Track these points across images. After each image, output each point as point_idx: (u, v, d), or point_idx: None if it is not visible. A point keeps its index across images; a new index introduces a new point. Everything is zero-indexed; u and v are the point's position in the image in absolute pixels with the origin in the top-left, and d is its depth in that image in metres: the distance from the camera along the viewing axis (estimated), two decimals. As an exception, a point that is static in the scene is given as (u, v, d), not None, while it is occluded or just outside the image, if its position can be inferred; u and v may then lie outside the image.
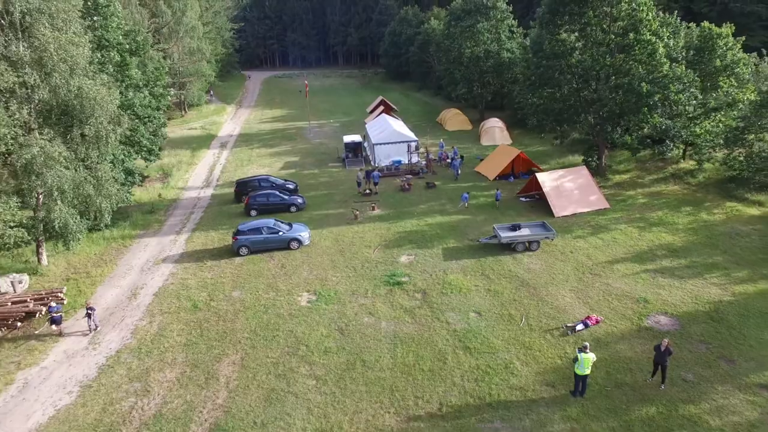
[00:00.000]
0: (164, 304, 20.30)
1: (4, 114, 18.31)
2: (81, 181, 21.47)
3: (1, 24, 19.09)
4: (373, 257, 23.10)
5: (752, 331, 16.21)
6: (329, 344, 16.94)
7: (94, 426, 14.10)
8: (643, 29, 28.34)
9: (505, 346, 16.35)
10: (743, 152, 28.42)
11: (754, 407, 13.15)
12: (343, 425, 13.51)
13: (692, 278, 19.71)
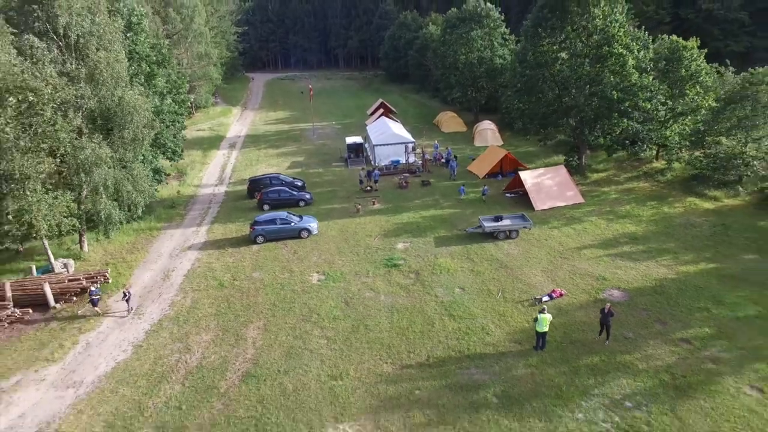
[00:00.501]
0: (194, 283, 23.87)
1: (63, 122, 21.82)
2: (121, 178, 25.06)
3: (59, 45, 22.61)
4: (374, 244, 26.68)
5: (686, 301, 19.75)
6: (337, 313, 20.49)
7: (149, 374, 17.64)
8: (615, 43, 31.89)
9: (483, 313, 19.90)
10: (704, 153, 31.93)
11: (673, 354, 16.71)
12: (350, 372, 17.05)
13: (646, 261, 23.27)
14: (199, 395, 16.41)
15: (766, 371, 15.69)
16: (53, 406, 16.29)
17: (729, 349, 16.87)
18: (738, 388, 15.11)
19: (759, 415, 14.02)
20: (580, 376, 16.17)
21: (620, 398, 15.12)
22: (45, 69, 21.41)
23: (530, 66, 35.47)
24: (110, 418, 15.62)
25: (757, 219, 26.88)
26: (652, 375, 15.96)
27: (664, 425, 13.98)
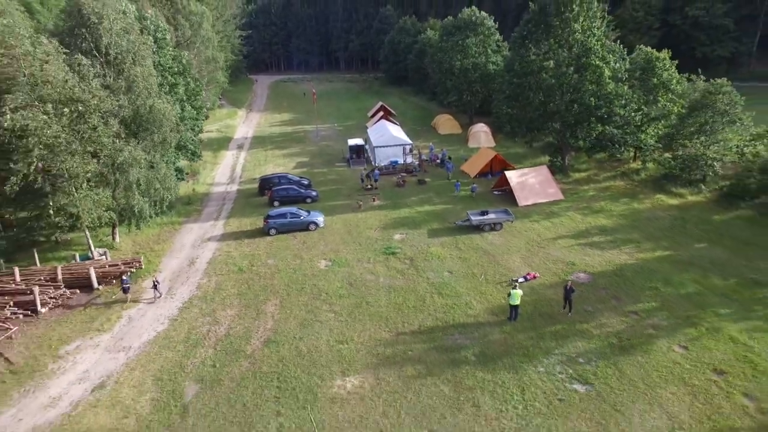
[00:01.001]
0: (216, 269, 27.45)
1: (105, 128, 25.39)
2: (151, 177, 28.65)
3: (101, 62, 26.19)
4: (374, 236, 30.27)
5: (640, 282, 23.32)
6: (342, 292, 24.07)
7: (185, 341, 21.21)
8: (592, 56, 35.45)
9: (467, 292, 23.46)
10: (672, 155, 35.46)
11: (622, 323, 20.27)
12: (354, 338, 20.62)
13: (611, 249, 26.84)
14: (228, 356, 19.98)
15: (694, 334, 19.26)
16: (109, 365, 19.87)
17: (668, 318, 20.44)
18: (669, 347, 18.68)
19: (681, 366, 17.59)
20: (545, 340, 19.73)
21: (575, 356, 18.68)
22: (91, 83, 24.99)
23: (517, 74, 39.05)
24: (157, 374, 19.19)
25: (713, 213, 30.49)
26: (603, 339, 19.52)
27: (607, 375, 17.54)
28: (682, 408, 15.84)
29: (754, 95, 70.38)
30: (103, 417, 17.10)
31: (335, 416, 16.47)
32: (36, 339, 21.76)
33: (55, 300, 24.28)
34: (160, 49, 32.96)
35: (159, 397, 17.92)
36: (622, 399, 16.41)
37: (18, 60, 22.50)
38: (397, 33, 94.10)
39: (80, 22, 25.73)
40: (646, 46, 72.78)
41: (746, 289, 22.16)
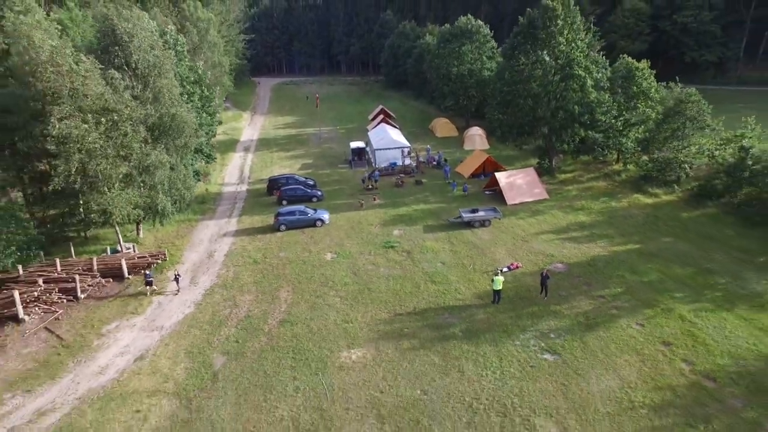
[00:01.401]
0: (233, 261, 30.72)
1: (135, 134, 28.64)
2: (174, 178, 31.92)
3: (130, 75, 29.45)
4: (375, 231, 33.55)
5: (609, 271, 26.57)
6: (347, 280, 27.34)
7: (210, 322, 24.45)
8: (576, 66, 38.70)
9: (457, 280, 26.72)
10: (649, 157, 38.70)
11: (590, 305, 23.54)
12: (357, 318, 23.86)
13: (587, 243, 30.10)
14: (249, 334, 23.23)
15: (650, 314, 22.51)
16: (146, 341, 23.12)
17: (629, 301, 23.71)
18: (628, 325, 21.93)
19: (636, 339, 20.86)
20: (522, 319, 22.98)
21: (547, 332, 21.93)
22: (123, 95, 28.26)
23: (507, 83, 42.33)
24: (188, 348, 22.44)
25: (682, 211, 33.76)
26: (572, 318, 22.77)
27: (573, 347, 20.78)
28: (631, 371, 19.09)
29: (739, 99, 74.05)
30: (146, 382, 20.35)
31: (342, 380, 19.71)
32: (79, 320, 25.03)
33: (92, 287, 27.57)
34: (178, 60, 36.23)
35: (192, 366, 21.17)
36: (584, 365, 19.66)
37: (63, 76, 25.75)
38: (396, 37, 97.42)
39: (113, 41, 29.01)
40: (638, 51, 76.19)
41: (700, 277, 25.44)
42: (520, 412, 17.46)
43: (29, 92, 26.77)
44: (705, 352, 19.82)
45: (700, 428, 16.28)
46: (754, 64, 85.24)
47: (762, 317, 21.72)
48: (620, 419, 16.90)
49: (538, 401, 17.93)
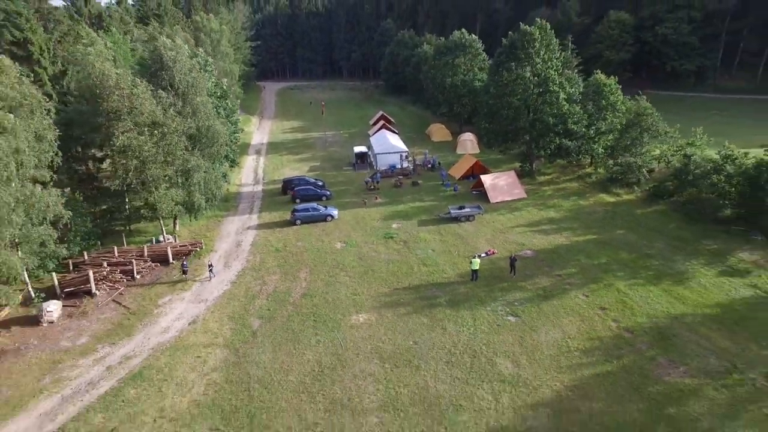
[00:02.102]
0: (258, 249, 37.06)
1: (179, 144, 34.94)
2: (208, 179, 38.26)
3: (174, 94, 35.78)
4: (377, 225, 39.91)
5: (569, 256, 32.94)
6: (354, 263, 33.69)
7: (245, 295, 30.78)
8: (551, 83, 45.07)
9: (444, 263, 33.07)
10: (614, 162, 45.04)
11: (549, 282, 29.92)
12: (364, 292, 30.20)
13: (553, 234, 36.47)
14: (277, 304, 29.55)
15: (594, 288, 28.87)
16: (195, 310, 29.44)
17: (580, 278, 30.08)
18: (576, 296, 28.29)
19: (580, 305, 27.22)
20: (494, 292, 29.33)
21: (512, 301, 28.27)
22: (168, 111, 34.60)
23: (493, 96, 48.72)
24: (230, 314, 28.76)
25: (637, 208, 40.16)
26: (533, 291, 29.12)
27: (531, 311, 27.13)
28: (572, 328, 25.45)
29: (714, 107, 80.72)
30: (201, 338, 26.68)
31: (353, 335, 26.04)
32: (139, 295, 31.37)
33: (144, 269, 33.89)
34: (207, 79, 42.59)
35: (235, 327, 27.50)
36: (537, 324, 26.01)
37: (125, 98, 32.08)
38: (396, 46, 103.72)
39: (161, 66, 35.42)
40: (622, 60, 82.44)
41: (640, 260, 31.82)
42: (486, 355, 23.83)
43: (94, 110, 33.14)
44: (630, 314, 26.21)
45: (614, 363, 22.65)
46: (731, 74, 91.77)
47: (678, 289, 28.13)
48: (558, 358, 23.27)
49: (500, 347, 24.29)
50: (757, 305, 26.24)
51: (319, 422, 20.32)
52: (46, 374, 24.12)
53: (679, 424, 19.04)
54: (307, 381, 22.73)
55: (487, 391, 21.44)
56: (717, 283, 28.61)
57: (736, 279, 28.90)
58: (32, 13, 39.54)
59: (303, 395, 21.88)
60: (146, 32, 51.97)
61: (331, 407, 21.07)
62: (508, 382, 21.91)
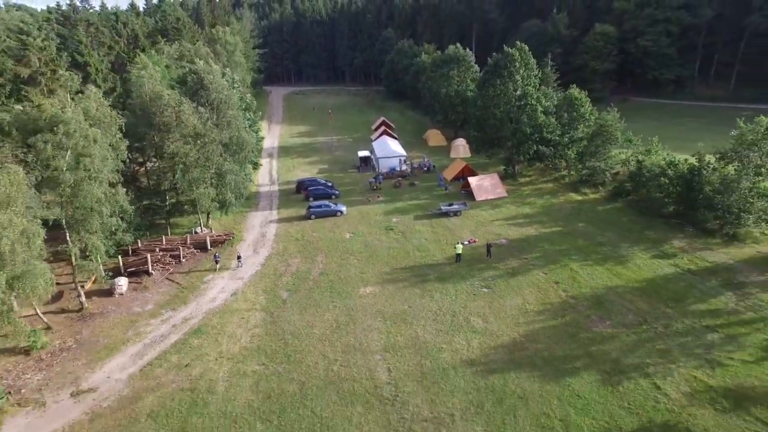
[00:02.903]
0: (281, 239, 44.98)
1: (216, 150, 42.81)
2: (237, 180, 46.18)
3: (210, 109, 43.69)
4: (379, 219, 47.83)
5: (536, 243, 40.85)
6: (361, 250, 41.62)
7: (273, 274, 38.70)
8: (529, 98, 52.98)
9: (434, 249, 40.99)
10: (583, 166, 52.94)
11: (517, 263, 37.84)
12: (369, 271, 38.13)
13: (526, 226, 44.39)
14: (300, 280, 37.44)
15: (553, 268, 36.77)
16: (234, 285, 37.35)
17: (542, 260, 37.98)
18: (537, 273, 36.19)
19: (539, 280, 35.13)
20: (473, 271, 37.21)
21: (487, 277, 36.15)
22: (207, 123, 42.51)
23: (480, 108, 56.65)
24: (263, 288, 36.66)
25: (599, 206, 48.10)
26: (504, 270, 37.01)
27: (500, 284, 35.01)
28: (531, 296, 33.33)
29: (690, 114, 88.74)
30: (242, 305, 34.55)
31: (361, 302, 33.90)
32: (185, 275, 39.26)
33: (188, 254, 41.79)
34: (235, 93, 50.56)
35: (268, 297, 35.38)
36: (504, 293, 33.88)
37: (174, 114, 39.99)
38: (396, 54, 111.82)
39: (200, 86, 43.38)
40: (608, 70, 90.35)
41: (592, 247, 39.73)
42: (463, 315, 31.72)
43: (146, 122, 41.03)
44: (576, 286, 34.11)
45: (558, 319, 30.55)
46: (708, 83, 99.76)
47: (618, 268, 36.05)
48: (518, 317, 31.15)
49: (474, 310, 32.19)
50: (673, 279, 34.18)
51: (338, 359, 28.20)
52: (128, 330, 32.06)
53: (596, 356, 26.93)
54: (328, 333, 30.64)
55: (462, 339, 29.34)
56: (648, 264, 36.54)
57: (664, 260, 36.84)
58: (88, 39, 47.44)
59: (325, 342, 29.78)
60: (176, 50, 59.81)
61: (346, 349, 28.97)
62: (478, 333, 29.81)
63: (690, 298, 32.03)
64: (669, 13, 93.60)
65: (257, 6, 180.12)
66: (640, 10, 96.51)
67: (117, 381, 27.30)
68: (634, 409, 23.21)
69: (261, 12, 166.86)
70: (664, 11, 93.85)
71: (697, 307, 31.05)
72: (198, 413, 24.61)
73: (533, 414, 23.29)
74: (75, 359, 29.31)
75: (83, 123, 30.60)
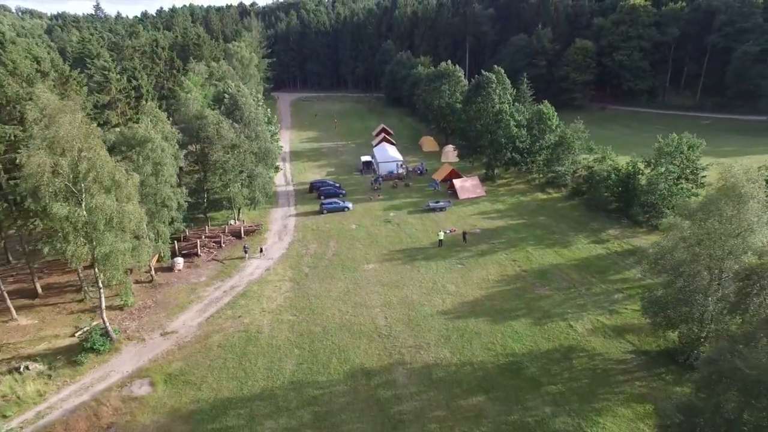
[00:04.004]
0: (300, 229, 56.56)
1: (248, 158, 54.30)
2: (264, 181, 57.74)
3: (242, 124, 55.16)
4: (379, 214, 59.44)
5: (503, 233, 52.37)
6: (364, 237, 53.22)
7: (296, 255, 50.27)
8: (504, 114, 64.50)
9: (422, 237, 52.55)
10: (549, 170, 64.42)
11: (486, 247, 49.36)
12: (371, 253, 49.69)
13: (497, 220, 55.94)
14: (317, 260, 48.97)
15: (513, 251, 48.29)
16: (266, 264, 48.89)
17: (506, 245, 49.52)
18: (500, 254, 47.72)
19: (502, 259, 46.65)
20: (451, 253, 48.72)
21: (462, 257, 47.63)
22: (240, 136, 54.01)
23: (464, 122, 68.18)
24: (290, 265, 48.19)
25: (559, 203, 59.64)
26: (476, 252, 48.52)
27: (471, 262, 46.52)
28: (493, 270, 44.84)
29: (659, 122, 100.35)
30: (275, 277, 46.07)
31: (365, 275, 45.39)
32: (227, 256, 50.78)
33: (226, 241, 53.33)
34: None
35: (294, 271, 46.89)
36: (473, 268, 45.36)
37: (215, 130, 51.46)
38: (395, 65, 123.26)
39: (235, 106, 54.91)
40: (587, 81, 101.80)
41: (547, 235, 51.24)
42: (441, 283, 43.23)
43: (191, 137, 52.44)
44: (529, 263, 45.63)
45: (510, 286, 42.08)
46: (678, 93, 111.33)
47: (563, 250, 47.57)
48: (481, 284, 42.65)
49: (449, 279, 43.70)
50: (602, 258, 45.73)
51: (348, 311, 39.67)
52: (190, 294, 43.58)
53: (533, 308, 38.43)
54: (341, 295, 42.14)
55: (439, 298, 40.82)
56: (586, 247, 48.06)
57: (599, 245, 48.38)
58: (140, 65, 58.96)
59: (339, 301, 41.26)
60: (206, 71, 71.40)
61: (355, 306, 40.45)
62: (450, 294, 41.29)
63: (611, 271, 43.58)
64: (641, 30, 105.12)
65: (263, 14, 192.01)
66: (616, 27, 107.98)
67: (190, 326, 38.84)
68: (551, 339, 34.75)
69: (267, 21, 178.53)
70: (636, 29, 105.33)
71: (614, 277, 42.61)
72: (252, 345, 36.11)
73: (483, 342, 34.82)
74: (156, 313, 40.86)
75: (160, 140, 42.07)
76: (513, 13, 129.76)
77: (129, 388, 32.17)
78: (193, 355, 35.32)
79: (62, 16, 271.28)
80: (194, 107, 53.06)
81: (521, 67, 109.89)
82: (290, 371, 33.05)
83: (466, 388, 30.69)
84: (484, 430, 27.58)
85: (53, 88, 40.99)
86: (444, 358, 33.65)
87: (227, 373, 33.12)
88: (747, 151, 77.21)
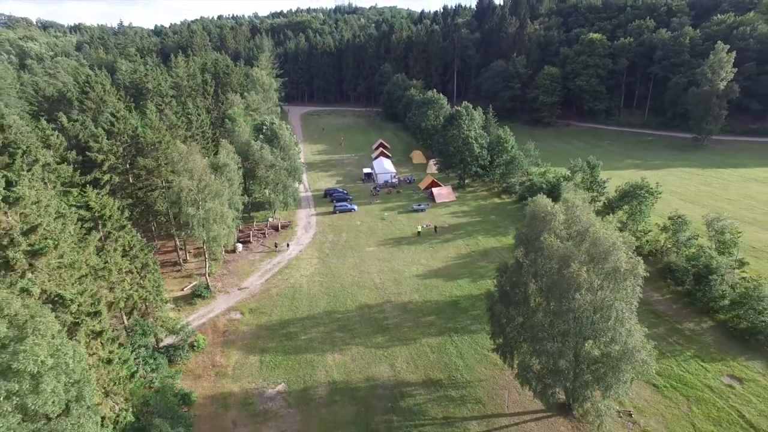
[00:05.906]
0: (320, 224, 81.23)
1: (282, 173, 78.77)
2: (293, 190, 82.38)
3: (278, 146, 79.67)
4: (376, 213, 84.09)
5: (465, 227, 76.90)
6: (366, 230, 77.89)
7: (319, 243, 74.90)
8: (470, 139, 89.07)
9: (407, 229, 77.15)
10: (503, 180, 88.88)
11: (451, 236, 73.90)
12: (371, 240, 74.29)
13: (461, 217, 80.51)
14: (334, 245, 73.56)
15: (470, 240, 72.77)
16: (299, 248, 73.52)
17: (464, 235, 74.06)
18: (458, 241, 72.23)
19: (458, 245, 71.24)
20: (426, 240, 73.22)
21: (433, 243, 72.13)
22: (277, 158, 78.55)
23: (441, 144, 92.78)
24: (316, 249, 72.79)
25: (508, 206, 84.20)
26: (442, 239, 72.99)
27: (439, 246, 71.05)
28: (452, 251, 69.33)
29: (610, 138, 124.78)
30: (307, 255, 70.63)
31: (368, 254, 69.87)
32: (271, 243, 75.37)
33: (269, 233, 77.89)
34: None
35: (319, 253, 71.45)
36: (439, 250, 69.81)
37: (260, 155, 75.91)
38: (391, 86, 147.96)
39: (274, 136, 79.49)
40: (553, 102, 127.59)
41: (493, 228, 75.78)
42: (417, 259, 67.77)
43: (242, 160, 76.93)
44: (477, 246, 70.20)
45: (461, 260, 66.62)
46: (631, 111, 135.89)
47: (502, 239, 72.11)
48: (444, 260, 67.17)
49: (423, 257, 68.25)
50: (525, 242, 70.32)
51: (356, 275, 64.17)
52: (251, 267, 68.15)
53: (473, 273, 62.88)
54: (352, 267, 66.62)
55: (415, 267, 65.30)
56: (518, 236, 72.61)
57: (527, 234, 72.96)
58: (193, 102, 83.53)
59: (350, 269, 65.74)
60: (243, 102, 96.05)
61: (360, 272, 64.90)
62: (423, 265, 65.77)
63: (530, 251, 68.10)
64: (597, 60, 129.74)
65: (272, 31, 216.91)
66: (578, 56, 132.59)
67: (256, 284, 63.37)
68: (480, 289, 59.18)
69: (277, 38, 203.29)
70: (594, 58, 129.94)
71: (530, 254, 67.14)
72: (297, 294, 60.59)
73: (439, 291, 59.32)
74: (231, 277, 65.38)
75: (233, 164, 66.58)
76: (494, 39, 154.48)
77: (229, 315, 56.71)
78: (262, 299, 59.84)
79: (79, 29, 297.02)
80: (243, 136, 77.59)
81: (500, 89, 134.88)
82: (323, 306, 57.55)
83: (426, 313, 55.17)
84: (433, 330, 52.04)
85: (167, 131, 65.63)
86: (414, 299, 58.12)
87: (285, 308, 57.62)
88: (669, 164, 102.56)
